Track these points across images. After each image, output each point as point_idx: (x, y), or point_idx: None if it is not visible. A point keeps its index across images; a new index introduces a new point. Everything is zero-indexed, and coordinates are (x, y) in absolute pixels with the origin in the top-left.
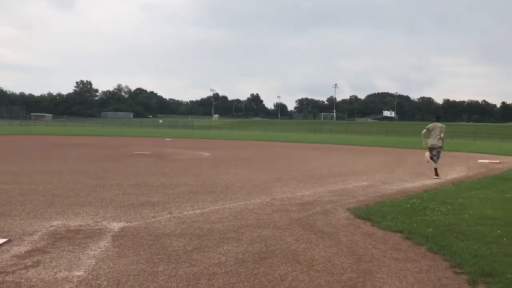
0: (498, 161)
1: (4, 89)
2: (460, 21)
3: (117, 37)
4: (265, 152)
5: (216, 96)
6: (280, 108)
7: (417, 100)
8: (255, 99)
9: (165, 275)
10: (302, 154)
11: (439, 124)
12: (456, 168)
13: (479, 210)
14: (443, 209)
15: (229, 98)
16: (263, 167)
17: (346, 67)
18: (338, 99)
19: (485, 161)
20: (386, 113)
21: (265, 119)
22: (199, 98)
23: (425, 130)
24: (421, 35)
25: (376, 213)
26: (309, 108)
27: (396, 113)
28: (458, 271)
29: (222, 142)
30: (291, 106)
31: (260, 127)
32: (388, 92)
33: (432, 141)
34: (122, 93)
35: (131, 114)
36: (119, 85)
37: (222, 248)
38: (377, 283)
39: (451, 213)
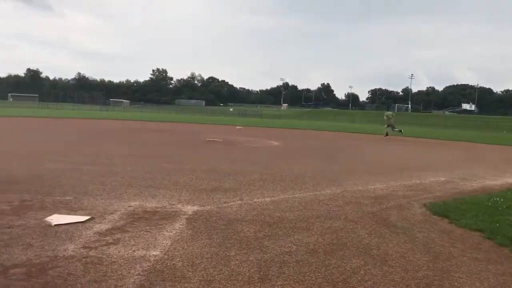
0: None
1: (87, 76)
2: None
3: (192, 28)
4: (335, 143)
5: (285, 85)
6: (352, 98)
7: (500, 92)
8: (326, 89)
9: (237, 260)
10: (373, 146)
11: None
12: None
13: None
14: None
15: (299, 88)
16: (333, 158)
17: (423, 57)
18: (414, 90)
19: None
20: (466, 106)
21: (335, 109)
22: (268, 87)
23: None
24: (503, 23)
25: (454, 210)
26: (382, 99)
27: (477, 106)
28: None
29: (291, 132)
30: (363, 96)
31: (329, 117)
32: (468, 84)
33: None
34: (195, 82)
35: (203, 102)
36: (192, 74)
37: (292, 237)
38: (456, 283)
39: None
